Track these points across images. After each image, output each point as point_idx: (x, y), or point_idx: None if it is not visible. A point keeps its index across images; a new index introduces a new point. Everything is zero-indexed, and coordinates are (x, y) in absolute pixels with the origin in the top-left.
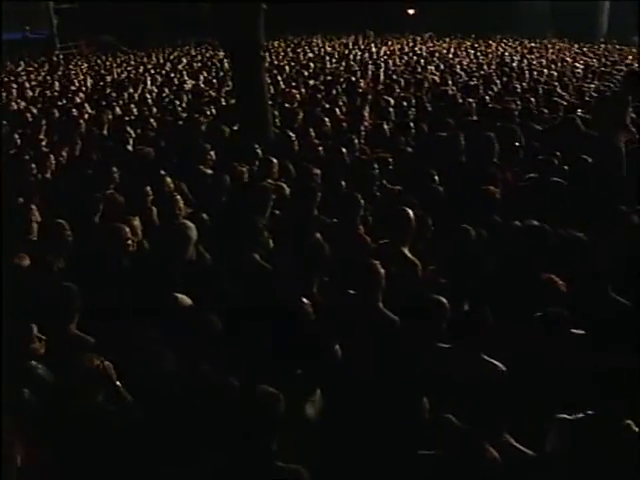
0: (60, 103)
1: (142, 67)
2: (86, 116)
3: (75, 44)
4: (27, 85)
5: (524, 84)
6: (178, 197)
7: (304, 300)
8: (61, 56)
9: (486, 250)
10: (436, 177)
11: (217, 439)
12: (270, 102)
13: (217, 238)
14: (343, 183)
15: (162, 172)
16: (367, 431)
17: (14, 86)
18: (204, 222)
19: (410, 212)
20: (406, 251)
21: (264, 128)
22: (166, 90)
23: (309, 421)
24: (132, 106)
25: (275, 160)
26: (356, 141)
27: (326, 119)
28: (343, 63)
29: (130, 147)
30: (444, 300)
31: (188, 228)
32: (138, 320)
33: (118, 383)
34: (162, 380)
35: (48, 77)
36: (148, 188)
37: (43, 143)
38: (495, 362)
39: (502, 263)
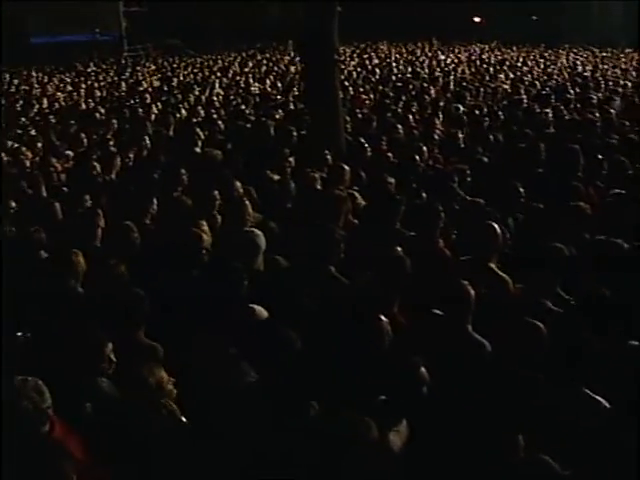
0: (128, 104)
1: (208, 70)
2: (153, 117)
3: (143, 47)
4: (96, 85)
5: (599, 95)
6: (247, 202)
7: (384, 319)
8: (129, 58)
9: (577, 269)
10: (521, 190)
11: (295, 467)
12: None
13: (289, 247)
14: (421, 193)
15: (230, 176)
16: (455, 466)
17: (83, 86)
18: (273, 230)
19: (497, 227)
20: (494, 267)
21: (335, 134)
22: (233, 93)
23: (394, 452)
24: (199, 108)
25: (347, 167)
26: (429, 149)
27: (398, 126)
28: (409, 69)
29: (198, 149)
30: (540, 324)
31: (257, 236)
32: (209, 331)
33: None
34: (236, 397)
35: (116, 78)
36: (216, 192)
37: (111, 143)
38: (598, 398)
39: (594, 284)
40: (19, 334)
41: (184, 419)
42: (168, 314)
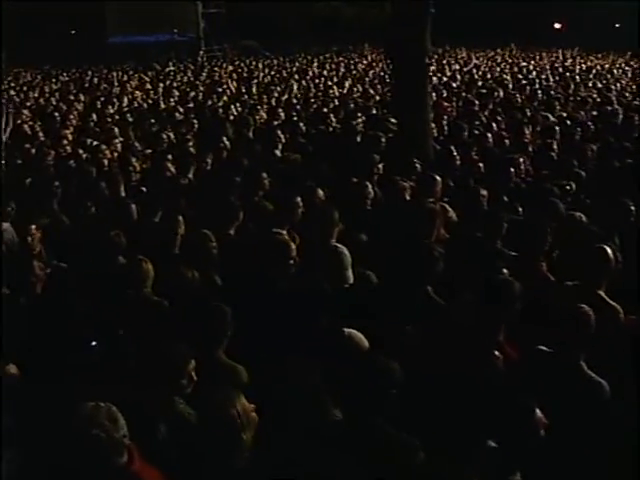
0: (207, 104)
1: (286, 72)
2: (231, 118)
3: (220, 47)
4: (174, 85)
5: None
6: (331, 212)
7: (497, 354)
8: (206, 58)
9: None
10: (632, 209)
11: None
12: None
13: (379, 262)
14: (517, 208)
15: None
16: None
17: (161, 85)
18: (361, 242)
19: (609, 251)
20: (603, 295)
21: (423, 141)
22: (312, 96)
23: None
24: (280, 110)
25: (438, 178)
26: (522, 161)
27: (488, 135)
28: (491, 76)
29: (278, 152)
30: None
31: (341, 253)
32: (295, 356)
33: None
34: (322, 432)
35: (193, 79)
36: (299, 199)
37: (190, 144)
38: None
39: None
40: (93, 343)
41: (265, 454)
42: (251, 332)
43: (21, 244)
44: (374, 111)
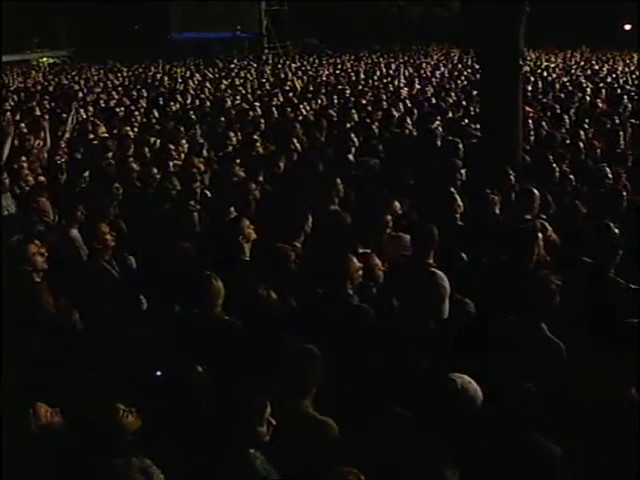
0: (274, 102)
1: (351, 70)
2: (300, 118)
3: (282, 45)
4: (237, 82)
5: None
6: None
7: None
8: (268, 56)
9: None
10: None
11: None
12: None
13: (479, 290)
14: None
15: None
16: None
17: (224, 82)
18: (458, 263)
19: None
20: None
21: (512, 149)
22: (383, 97)
23: None
24: (353, 111)
25: (536, 191)
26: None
27: (580, 144)
28: (565, 79)
29: (352, 156)
30: None
31: (441, 279)
32: (392, 404)
33: None
34: None
35: (257, 76)
36: (387, 217)
37: (258, 145)
38: None
39: None
40: (158, 373)
41: None
42: (340, 377)
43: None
44: (450, 114)
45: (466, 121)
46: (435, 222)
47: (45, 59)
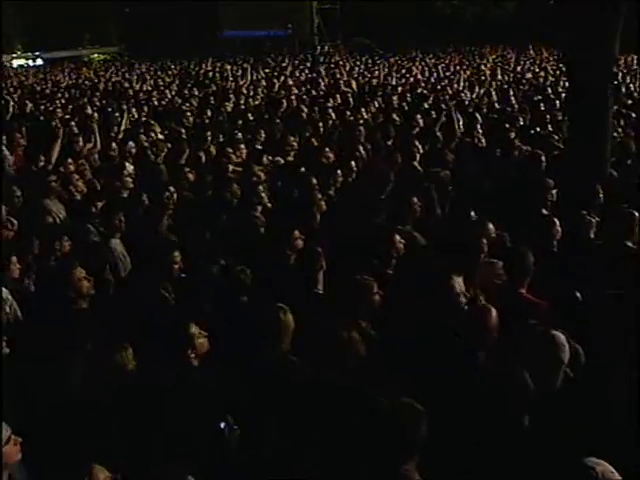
0: (330, 105)
1: (407, 72)
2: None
3: (333, 44)
4: (290, 82)
5: None
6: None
7: None
8: (319, 55)
9: None
10: None
11: None
12: None
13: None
14: None
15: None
16: None
17: (276, 82)
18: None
19: None
20: None
21: (602, 163)
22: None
23: None
24: (418, 117)
25: (637, 214)
26: None
27: None
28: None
29: (416, 164)
30: None
31: (561, 343)
32: None
33: None
34: None
35: (310, 75)
36: (483, 242)
37: (327, 151)
38: None
39: None
40: (222, 425)
41: None
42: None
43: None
44: (520, 121)
45: (543, 130)
46: (530, 247)
47: (96, 55)
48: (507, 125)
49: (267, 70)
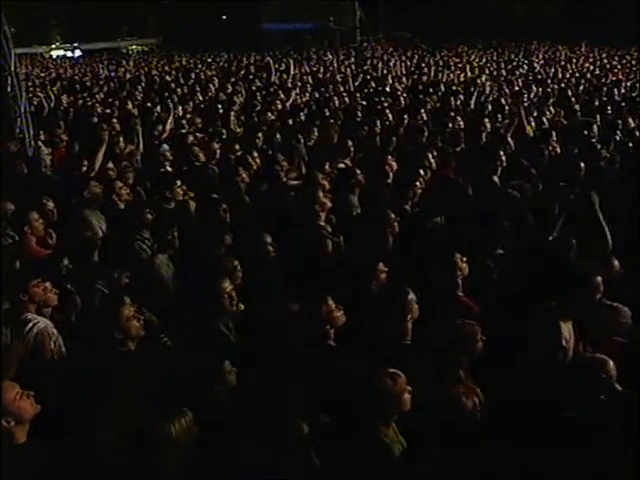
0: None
1: (458, 68)
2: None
3: (375, 37)
4: (339, 78)
5: None
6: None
7: None
8: (363, 49)
9: None
10: None
11: None
12: None
13: None
14: None
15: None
16: None
17: (320, 76)
18: None
19: None
20: None
21: None
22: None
23: None
24: (485, 120)
25: None
26: None
27: None
28: None
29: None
30: None
31: None
32: None
33: None
34: None
35: (356, 70)
36: (599, 280)
37: (389, 159)
38: None
39: None
40: None
41: None
42: None
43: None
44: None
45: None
46: None
47: (134, 47)
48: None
49: (312, 64)
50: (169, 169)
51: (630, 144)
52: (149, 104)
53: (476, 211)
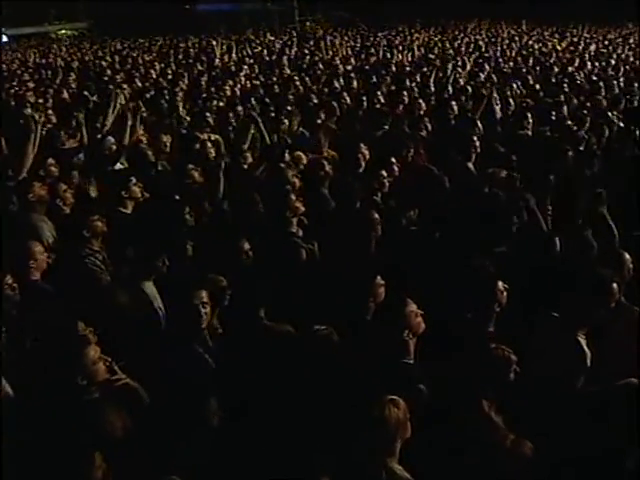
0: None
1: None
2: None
3: (313, 18)
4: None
5: None
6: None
7: None
8: (298, 29)
9: None
10: None
11: None
12: None
13: None
14: None
15: None
16: None
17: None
18: None
19: None
20: None
21: None
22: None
23: None
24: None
25: None
26: None
27: None
28: None
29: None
30: None
31: None
32: None
33: None
34: None
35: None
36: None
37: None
38: None
39: None
40: None
41: None
42: None
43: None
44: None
45: None
46: None
47: (63, 31)
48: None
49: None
50: (121, 165)
51: (605, 125)
52: (86, 92)
53: (461, 207)
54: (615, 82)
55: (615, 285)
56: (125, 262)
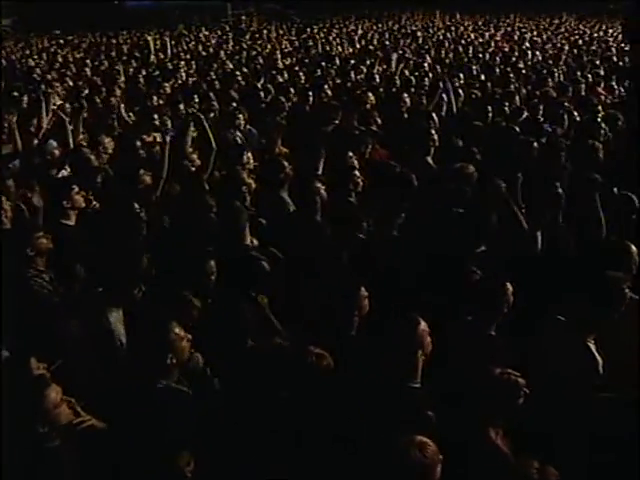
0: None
1: (346, 39)
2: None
3: (246, 11)
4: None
5: None
6: None
7: None
8: (231, 23)
9: None
10: None
11: None
12: None
13: None
14: None
15: None
16: None
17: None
18: None
19: None
20: None
21: None
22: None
23: None
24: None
25: None
26: None
27: None
28: None
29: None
30: None
31: None
32: None
33: None
34: None
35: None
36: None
37: None
38: None
39: None
40: None
41: None
42: None
43: None
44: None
45: None
46: None
47: None
48: None
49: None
50: (65, 172)
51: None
52: (15, 93)
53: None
54: (557, 71)
55: (627, 290)
56: (75, 283)
